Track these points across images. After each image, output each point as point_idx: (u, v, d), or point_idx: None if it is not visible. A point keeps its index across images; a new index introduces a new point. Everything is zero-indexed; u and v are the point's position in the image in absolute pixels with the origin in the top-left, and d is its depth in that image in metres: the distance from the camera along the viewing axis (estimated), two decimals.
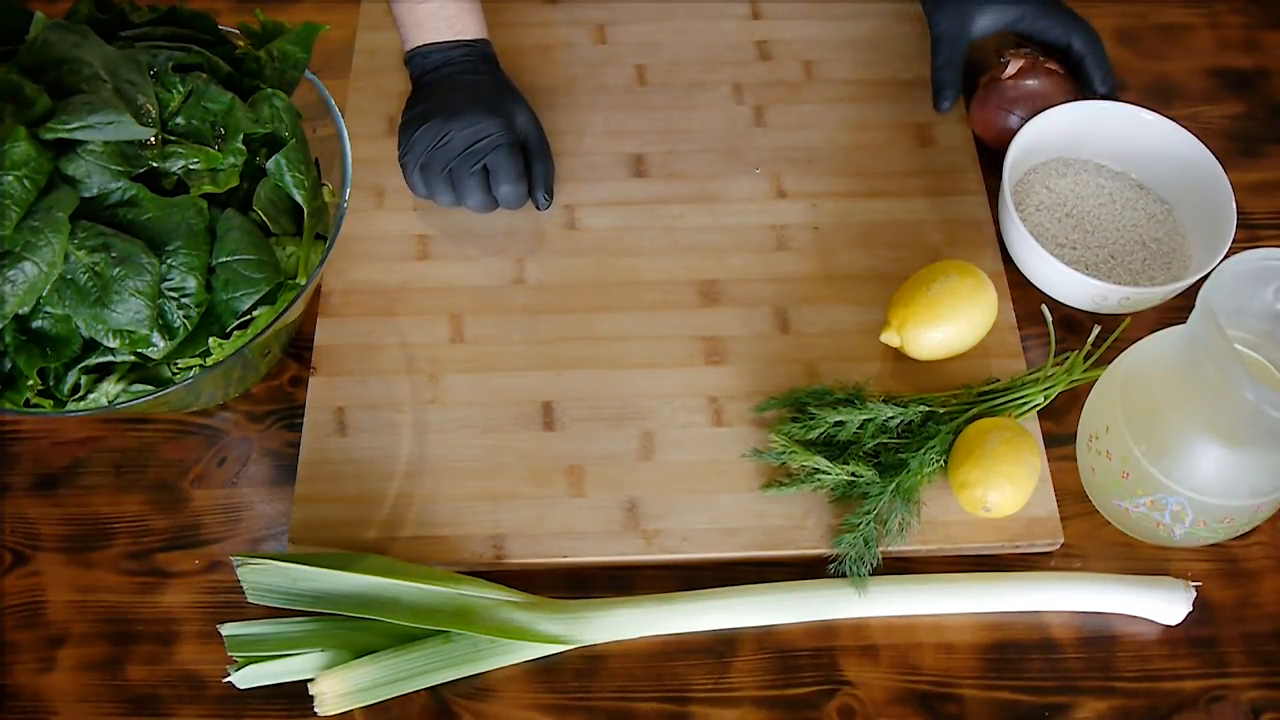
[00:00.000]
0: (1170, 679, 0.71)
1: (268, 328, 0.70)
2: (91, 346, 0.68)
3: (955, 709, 0.70)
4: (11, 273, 0.64)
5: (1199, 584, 0.73)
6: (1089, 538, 0.76)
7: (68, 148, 0.66)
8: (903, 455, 0.74)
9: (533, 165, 0.84)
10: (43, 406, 0.69)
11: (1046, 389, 0.76)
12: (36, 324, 0.67)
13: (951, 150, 0.90)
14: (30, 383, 0.68)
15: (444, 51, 0.84)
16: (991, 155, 0.88)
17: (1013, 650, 0.72)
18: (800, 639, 0.72)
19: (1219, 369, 0.60)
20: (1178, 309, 0.78)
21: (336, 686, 0.68)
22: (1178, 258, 0.83)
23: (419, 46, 0.84)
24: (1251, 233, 0.88)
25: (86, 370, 0.69)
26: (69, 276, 0.66)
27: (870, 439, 0.75)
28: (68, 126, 0.65)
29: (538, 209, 0.85)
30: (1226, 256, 0.76)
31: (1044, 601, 0.72)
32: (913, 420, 0.75)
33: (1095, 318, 0.82)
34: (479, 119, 0.81)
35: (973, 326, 0.78)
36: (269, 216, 0.72)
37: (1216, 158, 0.81)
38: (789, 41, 0.96)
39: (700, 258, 0.85)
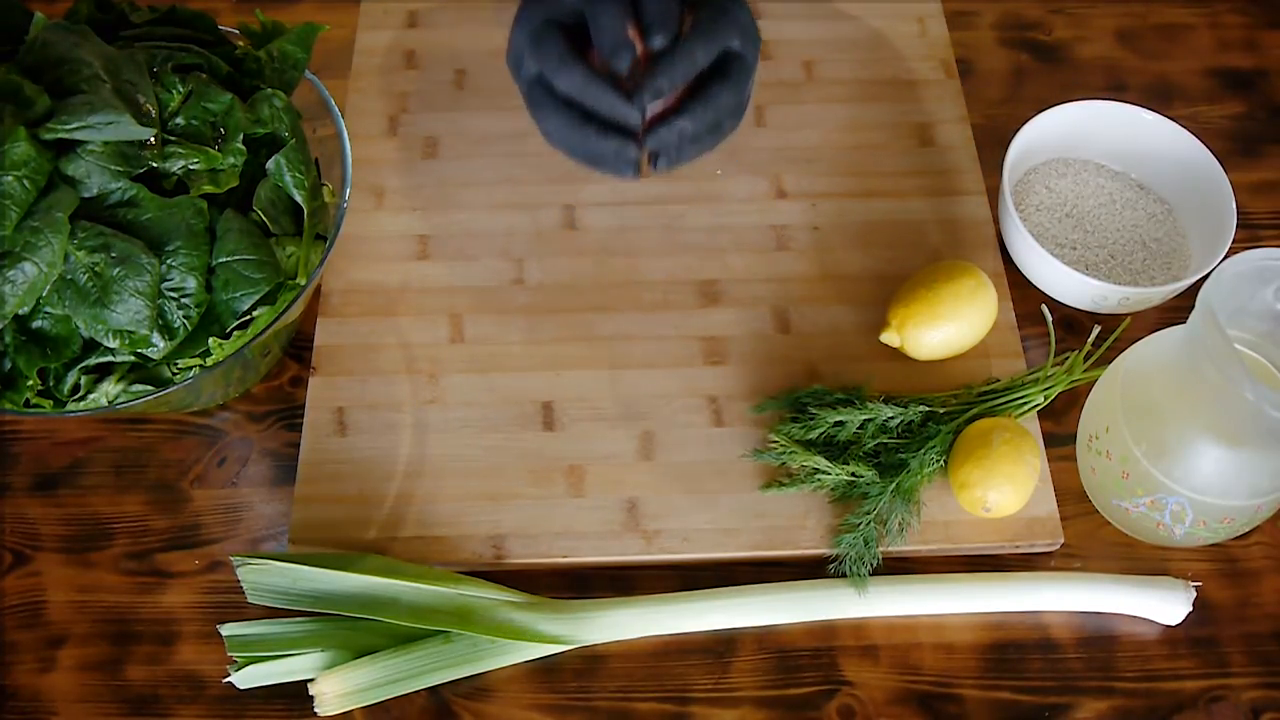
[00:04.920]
0: (1170, 679, 0.71)
1: (268, 328, 0.70)
2: (91, 346, 0.68)
3: (955, 709, 0.70)
4: (11, 273, 0.64)
5: (1199, 584, 0.73)
6: (1089, 538, 0.75)
7: (68, 148, 0.66)
8: (903, 455, 0.74)
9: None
10: (43, 406, 0.69)
11: (1046, 389, 0.76)
12: (36, 324, 0.67)
13: (951, 150, 0.90)
14: (30, 383, 0.67)
15: None
16: (991, 155, 0.88)
17: (1013, 650, 0.72)
18: (800, 639, 0.72)
19: (1219, 369, 0.60)
20: (1178, 309, 0.78)
21: (336, 686, 0.68)
22: (1178, 258, 0.83)
23: None
24: (1251, 233, 0.88)
25: (86, 370, 0.69)
26: (69, 276, 0.66)
27: (870, 439, 0.75)
28: (68, 126, 0.65)
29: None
30: (1226, 256, 0.76)
31: (1044, 601, 0.72)
32: (913, 420, 0.75)
33: (1095, 318, 0.82)
34: None
35: (973, 326, 0.78)
36: (269, 216, 0.72)
37: (1216, 158, 0.81)
38: (789, 41, 0.96)
39: (700, 258, 0.85)
